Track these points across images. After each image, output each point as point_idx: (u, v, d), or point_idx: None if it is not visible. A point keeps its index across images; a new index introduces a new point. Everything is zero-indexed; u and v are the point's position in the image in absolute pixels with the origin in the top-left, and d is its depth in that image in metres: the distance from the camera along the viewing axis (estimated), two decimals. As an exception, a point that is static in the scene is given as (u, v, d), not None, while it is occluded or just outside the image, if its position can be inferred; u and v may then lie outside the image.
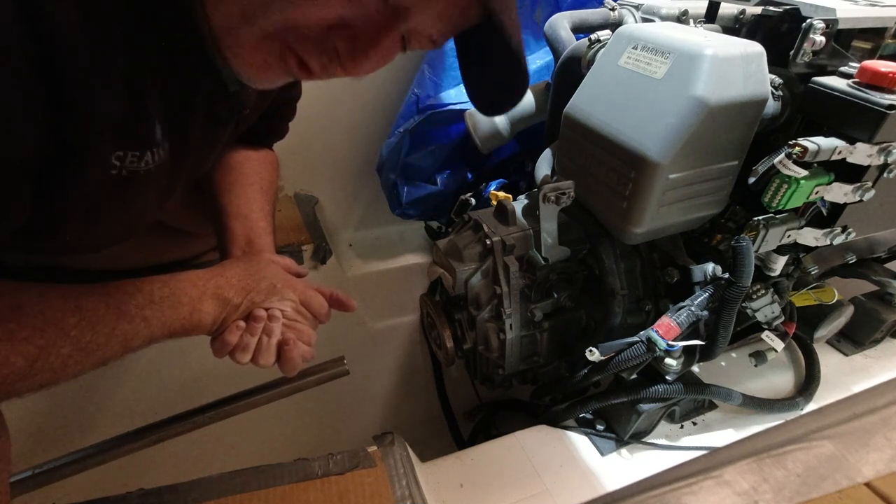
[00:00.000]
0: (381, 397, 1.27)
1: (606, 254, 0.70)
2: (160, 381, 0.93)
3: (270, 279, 0.56)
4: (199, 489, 0.65)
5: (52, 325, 0.41)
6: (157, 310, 0.48)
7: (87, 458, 0.61)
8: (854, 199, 0.59)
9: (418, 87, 0.96)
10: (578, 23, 0.81)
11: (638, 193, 0.60)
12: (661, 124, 0.57)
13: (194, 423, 0.64)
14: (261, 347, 0.53)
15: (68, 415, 0.87)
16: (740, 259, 0.61)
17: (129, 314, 0.46)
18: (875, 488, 0.78)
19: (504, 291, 0.72)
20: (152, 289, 0.48)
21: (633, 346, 0.65)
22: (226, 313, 0.52)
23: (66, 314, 0.42)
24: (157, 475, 0.91)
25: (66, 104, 0.33)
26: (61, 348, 0.41)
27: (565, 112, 0.70)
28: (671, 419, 0.84)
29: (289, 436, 1.16)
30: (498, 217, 0.76)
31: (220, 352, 0.53)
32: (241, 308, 0.54)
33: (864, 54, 0.66)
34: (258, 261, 0.58)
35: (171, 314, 0.49)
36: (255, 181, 0.68)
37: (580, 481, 0.74)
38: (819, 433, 0.86)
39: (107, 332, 0.44)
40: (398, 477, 0.69)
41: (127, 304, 0.46)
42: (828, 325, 0.85)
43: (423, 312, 0.92)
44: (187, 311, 0.50)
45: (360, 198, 1.17)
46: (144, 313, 0.47)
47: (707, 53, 0.54)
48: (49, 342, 0.40)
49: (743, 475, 0.78)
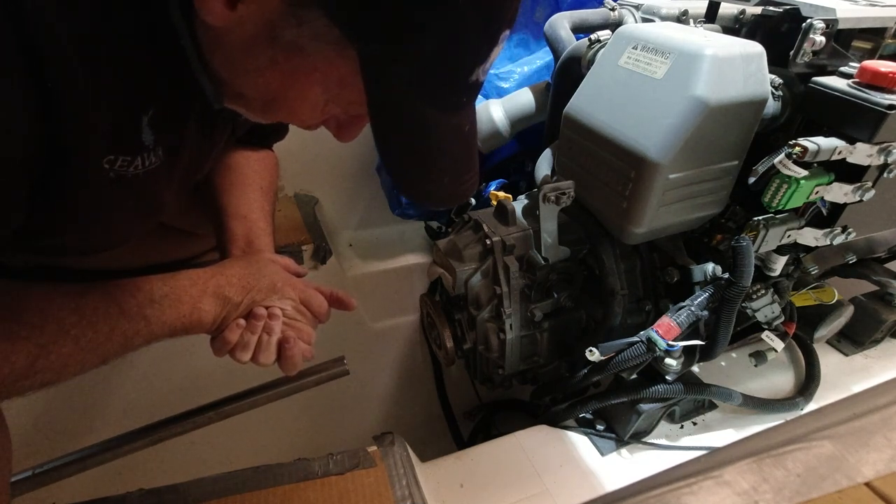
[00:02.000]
0: (381, 397, 1.27)
1: (606, 254, 0.70)
2: (160, 381, 0.93)
3: (271, 278, 0.56)
4: (199, 489, 0.65)
5: (52, 324, 0.41)
6: (158, 308, 0.48)
7: (87, 458, 0.61)
8: (854, 199, 0.59)
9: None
10: (578, 23, 0.81)
11: (638, 193, 0.60)
12: (661, 124, 0.57)
13: (194, 423, 0.64)
14: (261, 346, 0.53)
15: (68, 415, 0.87)
16: (740, 259, 0.61)
17: (130, 312, 0.46)
18: (875, 488, 0.78)
19: (504, 291, 0.72)
20: (152, 287, 0.49)
21: (633, 346, 0.65)
22: (226, 312, 0.52)
23: (67, 313, 0.42)
24: (157, 475, 0.91)
25: (57, 110, 0.33)
26: (62, 347, 0.41)
27: (565, 112, 0.70)
28: (671, 419, 0.84)
29: (289, 436, 1.16)
30: (498, 217, 0.76)
31: (221, 350, 0.53)
32: (241, 306, 0.54)
33: (864, 54, 0.66)
34: (258, 259, 0.58)
35: (171, 313, 0.49)
36: (255, 182, 0.68)
37: (580, 481, 0.74)
38: (819, 433, 0.86)
39: (107, 331, 0.44)
40: (398, 477, 0.69)
41: (127, 303, 0.46)
42: (828, 325, 0.85)
43: (423, 312, 0.93)
44: (187, 310, 0.50)
45: (360, 198, 1.17)
46: (144, 312, 0.47)
47: (707, 53, 0.54)
48: (49, 340, 0.40)
49: (743, 475, 0.78)
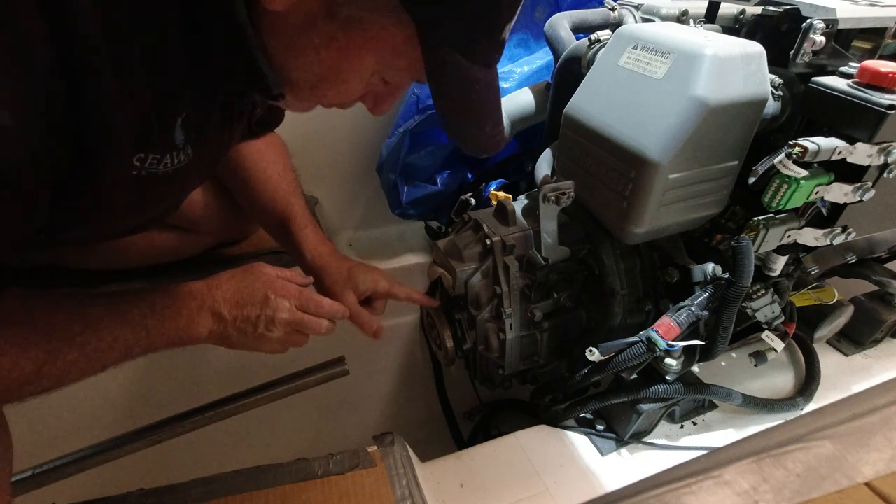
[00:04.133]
0: (381, 397, 1.27)
1: (606, 254, 0.70)
2: (160, 381, 0.93)
3: (264, 290, 0.58)
4: (199, 489, 0.65)
5: (59, 331, 0.43)
6: (158, 319, 0.50)
7: (87, 458, 0.61)
8: (854, 199, 0.59)
9: (418, 87, 0.96)
10: (578, 23, 0.81)
11: (638, 193, 0.60)
12: (661, 124, 0.57)
13: (194, 423, 0.64)
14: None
15: (68, 415, 0.87)
16: (740, 259, 0.61)
17: (132, 322, 0.48)
18: (875, 488, 0.78)
19: (504, 291, 0.72)
20: (154, 298, 0.50)
21: (633, 346, 0.65)
22: (220, 328, 0.55)
23: (73, 321, 0.44)
24: (157, 475, 0.91)
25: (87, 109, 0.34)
26: (67, 354, 0.43)
27: (565, 112, 0.70)
28: (671, 419, 0.84)
29: (289, 436, 1.16)
30: (498, 217, 0.76)
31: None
32: (234, 323, 0.56)
33: (864, 54, 0.66)
34: (252, 273, 0.59)
35: (169, 324, 0.51)
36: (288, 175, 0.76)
37: (580, 481, 0.74)
38: (819, 433, 0.86)
39: (110, 340, 0.46)
40: (398, 477, 0.69)
41: (130, 313, 0.48)
42: (828, 325, 0.85)
43: (423, 312, 0.93)
44: (185, 323, 0.52)
45: (360, 198, 1.16)
46: (146, 322, 0.49)
47: (707, 53, 0.54)
48: (56, 347, 0.42)
49: (743, 475, 0.78)
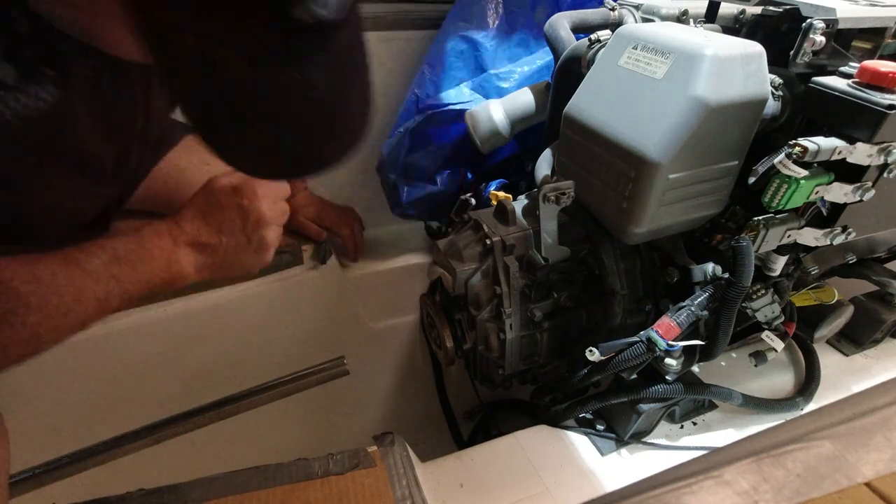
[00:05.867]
0: (381, 397, 1.27)
1: (606, 254, 0.70)
2: (160, 381, 0.93)
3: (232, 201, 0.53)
4: (199, 489, 0.65)
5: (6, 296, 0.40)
6: (127, 266, 0.47)
7: (87, 458, 0.61)
8: (854, 199, 0.59)
9: (418, 87, 0.96)
10: (578, 23, 0.81)
11: (638, 193, 0.60)
12: (661, 124, 0.57)
13: (194, 423, 0.64)
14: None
15: (68, 415, 0.87)
16: (740, 259, 0.61)
17: (95, 274, 0.45)
18: (875, 488, 0.77)
19: (504, 291, 0.72)
20: (115, 245, 0.48)
21: (633, 346, 0.65)
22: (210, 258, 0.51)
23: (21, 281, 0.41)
24: (157, 475, 0.91)
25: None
26: (25, 317, 0.41)
27: (565, 112, 0.70)
28: (671, 419, 0.84)
29: (289, 436, 1.16)
30: (498, 217, 0.76)
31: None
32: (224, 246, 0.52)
33: (864, 54, 0.66)
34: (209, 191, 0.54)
35: (143, 269, 0.48)
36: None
37: (580, 481, 0.74)
38: (819, 433, 0.86)
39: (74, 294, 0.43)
40: (398, 477, 0.69)
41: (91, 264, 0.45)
42: (828, 325, 0.85)
43: (423, 312, 0.93)
44: (163, 264, 0.49)
45: (360, 198, 1.16)
46: (112, 271, 0.46)
47: (707, 53, 0.54)
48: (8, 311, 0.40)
49: (743, 475, 0.78)
